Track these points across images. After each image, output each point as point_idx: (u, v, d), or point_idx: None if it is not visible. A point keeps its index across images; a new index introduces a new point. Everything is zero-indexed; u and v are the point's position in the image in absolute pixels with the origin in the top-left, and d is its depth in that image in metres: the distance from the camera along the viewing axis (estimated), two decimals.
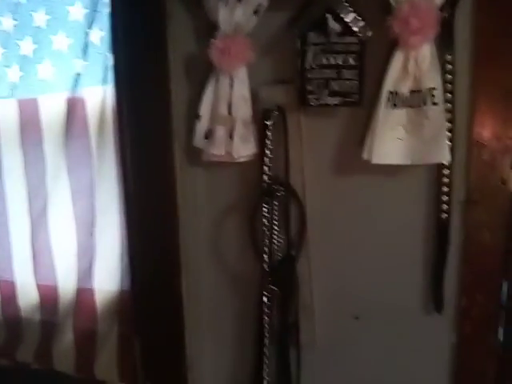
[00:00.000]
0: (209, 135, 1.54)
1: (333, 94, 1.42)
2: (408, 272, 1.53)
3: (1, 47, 1.88)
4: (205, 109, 1.54)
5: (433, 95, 1.30)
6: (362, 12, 1.37)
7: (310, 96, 1.44)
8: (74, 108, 1.81)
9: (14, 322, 2.13)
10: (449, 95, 1.36)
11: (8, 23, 1.85)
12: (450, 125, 1.35)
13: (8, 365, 2.16)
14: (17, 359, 2.12)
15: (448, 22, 1.32)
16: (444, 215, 1.43)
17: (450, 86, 1.36)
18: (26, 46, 1.84)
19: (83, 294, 1.96)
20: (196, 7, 1.51)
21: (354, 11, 1.36)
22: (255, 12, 1.44)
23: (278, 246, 1.60)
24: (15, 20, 1.84)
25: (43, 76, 1.83)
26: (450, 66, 1.36)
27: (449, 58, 1.35)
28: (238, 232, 1.67)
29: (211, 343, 1.81)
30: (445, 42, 1.34)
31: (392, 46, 1.32)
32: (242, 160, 1.53)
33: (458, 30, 1.35)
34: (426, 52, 1.29)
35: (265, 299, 1.61)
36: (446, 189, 1.41)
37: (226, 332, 1.78)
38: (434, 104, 1.30)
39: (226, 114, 1.50)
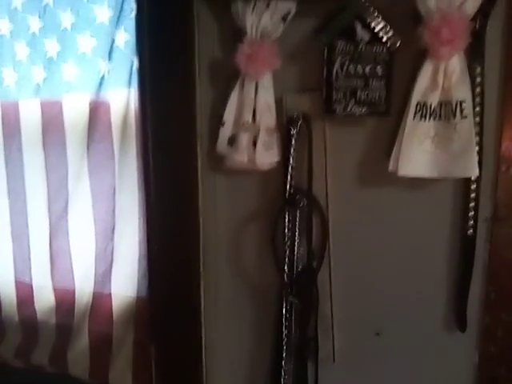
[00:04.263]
0: (232, 141, 1.52)
1: (359, 103, 1.40)
2: (431, 288, 1.49)
3: (27, 48, 1.89)
4: (229, 115, 1.52)
5: (462, 108, 1.27)
6: (392, 21, 1.35)
7: (335, 105, 1.42)
8: (97, 110, 1.80)
9: (30, 325, 2.12)
10: (477, 108, 1.33)
11: (35, 24, 1.85)
12: (477, 139, 1.32)
13: (23, 367, 2.15)
14: (32, 362, 2.11)
15: (479, 33, 1.30)
16: (470, 231, 1.40)
17: (478, 98, 1.33)
18: (51, 47, 1.84)
19: (100, 299, 1.94)
20: (223, 12, 1.50)
21: (383, 20, 1.35)
22: (283, 18, 1.42)
23: (298, 256, 1.57)
24: (42, 21, 1.84)
25: (67, 77, 1.83)
26: (479, 79, 1.33)
27: (478, 69, 1.32)
28: (258, 241, 1.65)
29: (228, 353, 1.78)
30: (475, 53, 1.31)
31: (421, 56, 1.30)
32: (264, 168, 1.52)
33: (489, 41, 1.32)
34: (455, 63, 1.27)
35: (284, 311, 1.59)
36: (472, 204, 1.38)
37: (243, 343, 1.75)
38: (463, 117, 1.28)
39: (250, 121, 1.49)
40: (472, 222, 1.39)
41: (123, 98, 1.75)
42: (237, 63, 1.45)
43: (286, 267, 1.57)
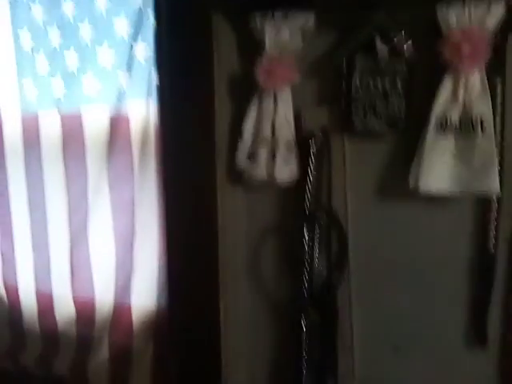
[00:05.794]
0: (251, 156, 1.52)
1: (379, 117, 1.39)
2: (452, 305, 1.47)
3: (47, 61, 1.91)
4: (248, 129, 1.52)
5: (482, 123, 1.26)
6: (411, 35, 1.34)
7: (355, 119, 1.41)
8: (117, 123, 1.82)
9: (51, 334, 2.13)
10: (498, 125, 1.31)
11: (55, 38, 1.87)
12: (498, 156, 1.30)
13: (43, 376, 2.16)
14: (52, 371, 2.12)
15: (500, 47, 1.28)
16: (491, 249, 1.37)
17: (499, 115, 1.31)
18: (71, 61, 1.86)
19: (120, 310, 1.95)
20: (242, 25, 1.50)
21: (403, 34, 1.33)
22: (302, 31, 1.42)
23: (318, 272, 1.56)
24: (62, 35, 1.86)
25: (87, 91, 1.85)
26: (500, 94, 1.30)
27: (499, 85, 1.30)
28: (277, 256, 1.64)
29: (248, 367, 1.77)
30: (496, 68, 1.29)
31: (441, 70, 1.29)
32: (284, 183, 1.51)
33: (511, 56, 1.30)
34: (476, 78, 1.26)
35: (303, 326, 1.58)
36: (493, 222, 1.35)
37: (263, 356, 1.73)
38: (484, 132, 1.26)
39: (269, 136, 1.48)
40: (493, 241, 1.37)
41: (143, 111, 1.76)
42: (256, 78, 1.45)
43: (305, 283, 1.56)
